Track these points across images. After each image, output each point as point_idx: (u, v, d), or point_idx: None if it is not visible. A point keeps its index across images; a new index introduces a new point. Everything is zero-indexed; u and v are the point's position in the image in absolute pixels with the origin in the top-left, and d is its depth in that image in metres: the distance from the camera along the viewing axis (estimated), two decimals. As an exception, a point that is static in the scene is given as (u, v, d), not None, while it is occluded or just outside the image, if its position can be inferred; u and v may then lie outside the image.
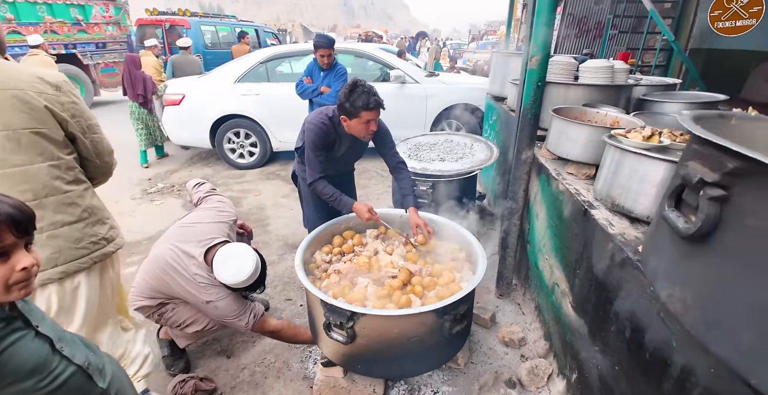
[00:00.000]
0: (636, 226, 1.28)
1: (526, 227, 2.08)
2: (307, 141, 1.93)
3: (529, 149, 1.95)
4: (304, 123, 2.01)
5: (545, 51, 1.80)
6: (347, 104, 1.78)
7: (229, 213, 1.84)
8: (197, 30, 8.28)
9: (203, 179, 2.13)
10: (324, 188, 1.92)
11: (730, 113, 1.11)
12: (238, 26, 9.41)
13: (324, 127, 1.92)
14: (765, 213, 0.64)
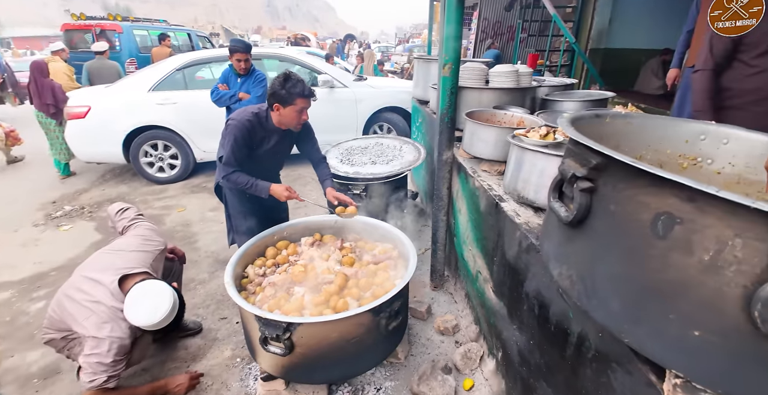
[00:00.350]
0: (539, 215, 1.45)
1: (452, 221, 2.24)
2: (228, 138, 1.91)
3: (448, 150, 2.10)
4: (225, 125, 1.99)
5: (456, 60, 1.95)
6: (283, 91, 1.85)
7: (157, 242, 1.74)
8: (130, 34, 7.92)
9: (127, 204, 1.98)
10: (238, 177, 1.94)
11: (605, 112, 1.30)
12: (170, 30, 9.03)
13: (249, 124, 1.92)
14: (621, 200, 0.78)
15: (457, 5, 1.85)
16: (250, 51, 3.23)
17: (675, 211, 0.69)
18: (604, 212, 0.82)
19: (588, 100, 2.44)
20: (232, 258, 1.69)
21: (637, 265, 0.75)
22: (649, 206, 0.72)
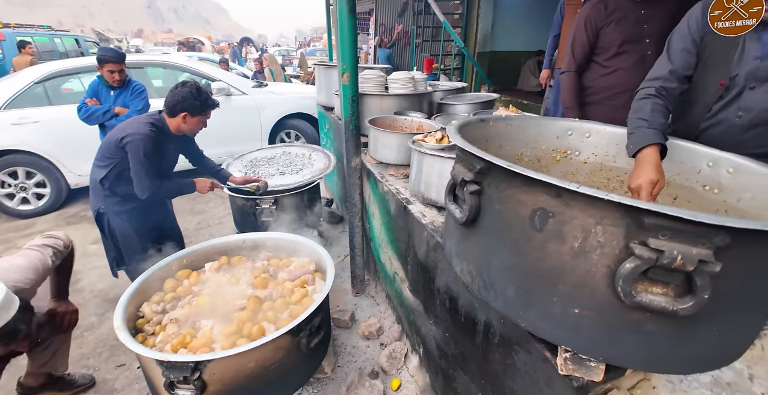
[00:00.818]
0: (442, 214, 1.54)
1: (368, 226, 2.27)
2: (137, 155, 1.82)
3: (356, 156, 2.12)
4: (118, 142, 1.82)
5: (354, 68, 1.98)
6: (197, 101, 1.90)
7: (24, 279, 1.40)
8: (12, 41, 7.11)
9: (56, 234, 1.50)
10: (164, 189, 1.95)
11: (488, 116, 1.42)
12: (56, 36, 7.94)
13: (153, 135, 1.86)
14: (503, 199, 0.86)
15: (348, 13, 1.87)
16: (123, 60, 2.86)
17: (547, 206, 0.77)
18: (492, 211, 0.89)
19: (477, 102, 2.65)
20: (122, 298, 1.48)
21: (522, 256, 0.84)
22: (526, 204, 0.80)
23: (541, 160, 1.54)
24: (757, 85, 1.19)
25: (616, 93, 2.13)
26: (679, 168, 1.30)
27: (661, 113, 1.27)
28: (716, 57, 1.26)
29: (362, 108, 2.53)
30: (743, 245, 0.65)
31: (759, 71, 1.17)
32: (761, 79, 1.18)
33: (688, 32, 1.34)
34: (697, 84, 1.33)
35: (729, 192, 1.19)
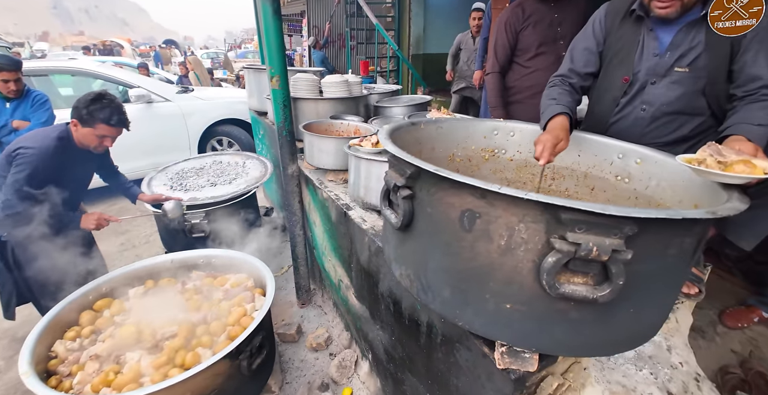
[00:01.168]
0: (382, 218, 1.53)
1: (309, 234, 2.21)
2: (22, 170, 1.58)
3: (293, 163, 2.05)
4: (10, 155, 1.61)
5: (283, 72, 1.91)
6: (84, 110, 1.69)
7: None
8: None
9: None
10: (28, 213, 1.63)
11: (419, 120, 1.44)
12: None
13: (55, 150, 1.66)
14: (434, 203, 0.87)
15: (273, 16, 1.81)
16: (19, 68, 2.54)
17: (474, 207, 0.79)
18: (425, 215, 0.90)
19: (412, 104, 2.68)
20: (29, 338, 1.29)
21: (455, 257, 0.85)
22: (455, 206, 0.82)
23: (471, 159, 1.59)
24: (657, 80, 1.31)
25: (537, 92, 2.27)
26: (593, 161, 1.40)
27: (568, 94, 1.38)
28: (620, 55, 1.37)
29: (297, 113, 2.47)
30: (649, 232, 0.71)
31: (658, 67, 1.30)
32: (660, 75, 1.30)
33: (591, 33, 1.44)
34: (604, 81, 1.45)
35: (638, 181, 1.30)
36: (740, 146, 0.95)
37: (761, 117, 1.07)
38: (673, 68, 1.27)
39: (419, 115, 2.24)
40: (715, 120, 1.31)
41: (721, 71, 1.22)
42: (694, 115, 1.30)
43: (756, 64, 1.15)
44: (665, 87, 1.30)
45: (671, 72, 1.28)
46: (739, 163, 0.88)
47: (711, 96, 1.26)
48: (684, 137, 1.34)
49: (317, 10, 7.94)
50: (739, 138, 1.02)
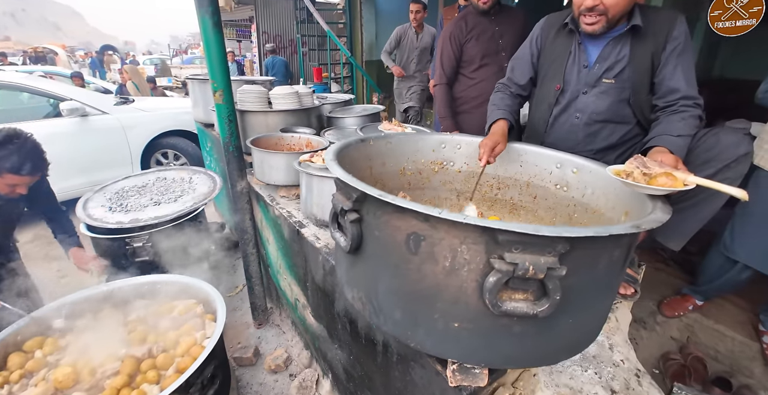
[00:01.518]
0: (336, 235, 1.52)
1: (263, 252, 2.15)
2: None
3: (242, 179, 1.99)
4: None
5: (226, 85, 1.85)
6: None
7: None
8: None
9: None
10: None
11: (368, 136, 1.45)
12: None
13: None
14: (381, 226, 0.87)
15: (213, 28, 1.75)
16: None
17: (418, 230, 0.80)
18: (373, 238, 0.90)
19: (365, 114, 2.68)
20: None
21: (404, 279, 0.86)
22: (401, 229, 0.82)
23: (422, 172, 1.62)
24: (588, 90, 1.41)
25: (483, 102, 2.35)
26: (534, 170, 1.47)
27: (508, 98, 1.48)
28: (554, 66, 1.46)
29: (245, 126, 2.40)
30: (581, 248, 0.75)
31: (588, 78, 1.39)
32: (590, 85, 1.39)
33: (529, 46, 1.54)
34: (541, 90, 1.54)
35: (575, 189, 1.38)
36: (662, 157, 1.03)
37: (680, 128, 1.17)
38: (601, 79, 1.37)
39: (372, 126, 2.25)
40: (641, 128, 1.42)
41: (644, 83, 1.33)
42: (621, 123, 1.41)
43: (674, 78, 1.26)
44: (595, 96, 1.40)
45: (599, 83, 1.37)
46: (662, 175, 0.96)
47: (636, 106, 1.36)
48: (614, 145, 1.44)
49: (266, 16, 7.79)
50: (661, 150, 1.11)
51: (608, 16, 1.22)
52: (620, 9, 1.21)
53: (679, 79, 1.25)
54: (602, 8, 1.19)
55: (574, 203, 1.38)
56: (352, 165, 1.36)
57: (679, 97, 1.25)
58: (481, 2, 2.12)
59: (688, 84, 1.24)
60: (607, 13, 1.21)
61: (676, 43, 1.25)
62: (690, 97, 1.23)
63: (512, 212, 1.59)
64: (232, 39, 10.09)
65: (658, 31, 1.26)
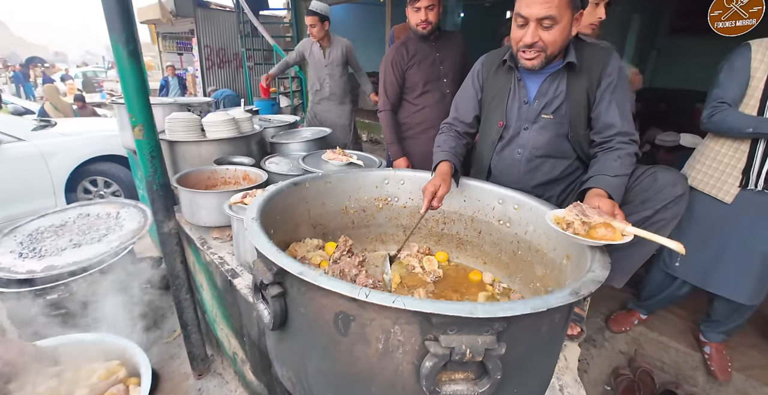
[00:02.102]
0: (273, 284, 1.40)
1: (199, 297, 1.97)
2: None
3: (169, 220, 1.80)
4: None
5: (147, 119, 1.68)
6: None
7: None
8: None
9: None
10: None
11: (303, 178, 1.34)
12: None
13: None
14: (306, 303, 0.78)
15: (128, 58, 1.58)
16: None
17: (347, 309, 0.71)
18: (298, 314, 0.80)
19: (312, 139, 2.54)
20: None
21: (334, 361, 0.76)
22: (327, 307, 0.73)
23: (366, 210, 1.55)
24: (528, 125, 1.40)
25: (428, 127, 2.34)
26: (477, 205, 1.44)
27: (452, 139, 1.44)
28: (495, 102, 1.45)
29: (175, 157, 2.22)
30: (520, 322, 0.69)
31: (528, 114, 1.38)
32: (531, 121, 1.39)
33: (471, 84, 1.52)
34: (485, 126, 1.52)
35: (517, 225, 1.36)
36: (600, 203, 1.02)
37: (617, 168, 1.18)
38: (540, 115, 1.37)
39: (317, 154, 2.14)
40: (581, 162, 1.43)
41: (581, 118, 1.34)
42: (561, 158, 1.41)
43: (609, 113, 1.28)
44: (535, 132, 1.39)
45: (539, 118, 1.37)
46: (601, 226, 0.94)
47: (574, 141, 1.37)
48: (556, 178, 1.44)
49: (207, 29, 7.49)
50: (599, 192, 1.10)
51: (546, 53, 1.22)
52: (558, 46, 1.22)
53: (614, 115, 1.26)
54: (541, 45, 1.19)
55: (518, 239, 1.36)
56: (285, 212, 1.26)
57: (615, 134, 1.26)
58: (420, 27, 2.11)
59: (624, 120, 1.26)
60: (546, 50, 1.20)
61: (610, 79, 1.27)
62: (625, 134, 1.25)
63: (459, 247, 1.55)
64: (173, 52, 9.61)
65: (593, 67, 1.28)
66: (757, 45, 1.64)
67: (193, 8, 7.14)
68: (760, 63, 1.62)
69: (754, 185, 1.68)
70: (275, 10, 8.49)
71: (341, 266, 1.22)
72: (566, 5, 1.13)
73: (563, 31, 1.17)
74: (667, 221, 1.18)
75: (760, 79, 1.62)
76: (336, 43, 3.56)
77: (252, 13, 6.74)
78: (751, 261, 1.76)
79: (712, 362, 2.10)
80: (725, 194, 1.76)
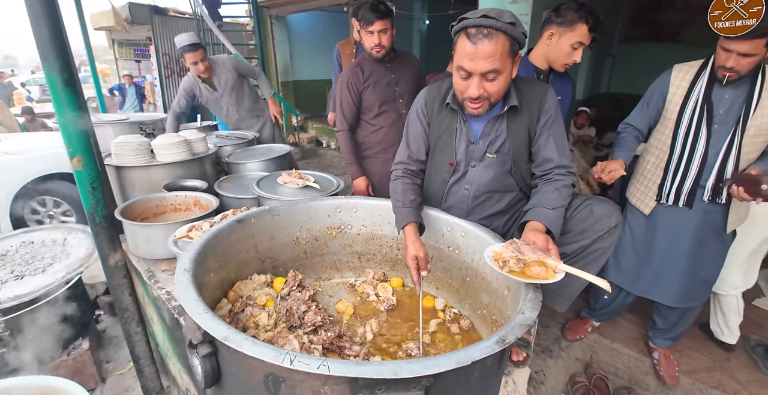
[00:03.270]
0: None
1: (150, 329, 1.89)
2: None
3: (115, 252, 1.73)
4: None
5: (86, 149, 1.60)
6: None
7: None
8: None
9: None
10: None
11: (247, 215, 1.32)
12: None
13: None
14: (237, 362, 0.76)
15: (63, 87, 1.51)
16: None
17: (276, 372, 0.70)
18: (230, 373, 0.78)
19: (270, 158, 2.48)
20: None
21: (269, 422, 0.75)
22: (257, 368, 0.73)
23: (318, 239, 1.54)
24: (475, 163, 1.43)
25: (386, 147, 2.35)
26: (429, 233, 1.46)
27: (411, 191, 1.42)
28: (442, 140, 1.47)
29: (123, 183, 2.13)
30: (445, 377, 0.71)
31: (474, 153, 1.42)
32: (477, 159, 1.42)
33: (417, 120, 1.52)
34: (433, 162, 1.54)
35: (465, 252, 1.39)
36: (535, 238, 1.06)
37: (554, 200, 1.23)
38: (485, 154, 1.40)
39: (273, 177, 2.10)
40: (524, 194, 1.48)
41: (523, 154, 1.38)
42: (506, 192, 1.46)
43: (548, 148, 1.33)
44: (481, 170, 1.43)
45: (485, 157, 1.41)
46: (534, 264, 0.98)
47: (517, 175, 1.41)
48: (502, 210, 1.49)
49: (165, 37, 7.26)
50: (536, 226, 1.14)
51: (491, 101, 1.25)
52: (502, 93, 1.26)
53: (552, 149, 1.32)
54: (486, 95, 1.22)
55: (466, 266, 1.39)
56: (228, 251, 1.23)
57: (553, 167, 1.32)
58: (375, 51, 2.12)
59: (560, 154, 1.32)
60: (490, 98, 1.24)
61: (548, 115, 1.32)
62: (562, 167, 1.31)
63: (413, 272, 1.56)
64: (131, 59, 9.23)
65: (532, 105, 1.33)
66: (678, 70, 1.76)
67: (149, 15, 6.89)
68: (677, 88, 1.73)
69: (666, 200, 1.82)
70: (237, 16, 8.35)
71: (289, 303, 1.20)
72: (507, 55, 1.15)
73: (506, 79, 1.21)
74: (603, 250, 1.24)
75: (676, 104, 1.74)
76: (220, 67, 3.15)
77: (212, 20, 6.59)
78: (671, 268, 1.91)
79: (660, 367, 2.21)
80: (645, 206, 1.91)
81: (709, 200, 1.73)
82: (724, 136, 1.64)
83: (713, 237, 1.82)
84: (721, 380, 2.14)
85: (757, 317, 2.60)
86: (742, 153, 1.64)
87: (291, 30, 8.74)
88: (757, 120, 1.59)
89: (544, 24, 1.69)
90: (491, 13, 1.10)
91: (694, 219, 1.79)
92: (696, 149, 1.69)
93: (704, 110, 1.65)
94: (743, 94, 1.60)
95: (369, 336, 1.27)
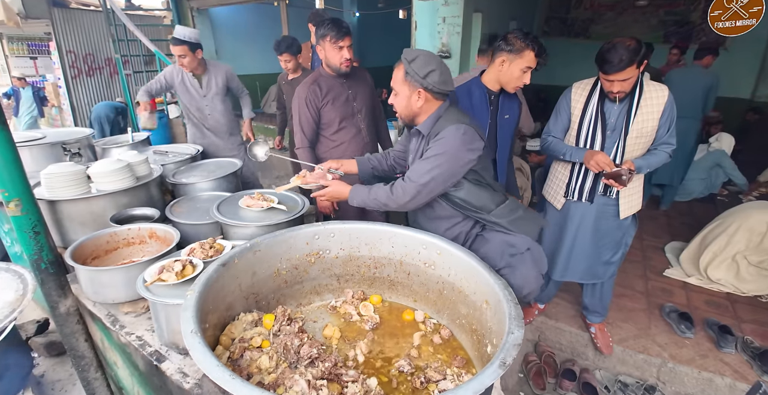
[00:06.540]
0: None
1: (112, 373, 1.77)
2: None
3: (65, 298, 1.59)
4: None
5: (23, 193, 1.43)
6: None
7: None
8: None
9: None
10: None
11: (231, 254, 1.28)
12: None
13: None
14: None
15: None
16: None
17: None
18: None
19: (221, 176, 2.32)
20: None
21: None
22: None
23: (298, 267, 1.55)
24: None
25: (347, 162, 2.38)
26: (405, 251, 1.54)
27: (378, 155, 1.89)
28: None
29: (60, 217, 1.92)
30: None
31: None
32: None
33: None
34: None
35: (441, 268, 1.49)
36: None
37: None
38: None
39: (231, 200, 1.98)
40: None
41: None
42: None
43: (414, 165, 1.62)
44: None
45: None
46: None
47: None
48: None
49: (69, 33, 6.44)
50: None
51: (398, 113, 1.56)
52: (402, 112, 1.55)
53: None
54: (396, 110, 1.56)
55: (443, 280, 1.49)
56: (216, 297, 1.21)
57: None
58: (344, 66, 2.13)
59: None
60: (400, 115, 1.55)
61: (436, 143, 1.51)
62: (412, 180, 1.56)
63: (391, 288, 1.64)
64: (24, 56, 8.01)
65: (431, 134, 1.52)
66: (576, 87, 2.08)
67: (48, 8, 6.03)
68: (577, 102, 2.04)
69: (572, 196, 2.15)
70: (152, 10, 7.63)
71: (282, 339, 1.22)
72: (401, 81, 1.46)
73: (401, 101, 1.50)
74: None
75: (577, 115, 2.05)
76: (215, 71, 3.09)
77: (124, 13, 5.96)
78: (578, 252, 2.25)
79: (597, 339, 2.54)
80: (557, 202, 2.24)
81: (602, 194, 2.07)
82: (615, 140, 1.97)
83: (611, 225, 2.16)
84: (646, 345, 2.52)
85: (669, 285, 3.07)
86: (627, 152, 1.97)
87: (215, 24, 8.18)
88: (638, 125, 1.92)
89: (495, 51, 1.84)
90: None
91: (594, 211, 2.13)
92: None
93: (599, 120, 1.98)
94: (627, 104, 1.92)
95: (361, 358, 1.32)
